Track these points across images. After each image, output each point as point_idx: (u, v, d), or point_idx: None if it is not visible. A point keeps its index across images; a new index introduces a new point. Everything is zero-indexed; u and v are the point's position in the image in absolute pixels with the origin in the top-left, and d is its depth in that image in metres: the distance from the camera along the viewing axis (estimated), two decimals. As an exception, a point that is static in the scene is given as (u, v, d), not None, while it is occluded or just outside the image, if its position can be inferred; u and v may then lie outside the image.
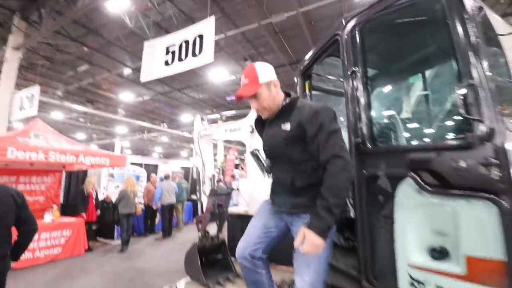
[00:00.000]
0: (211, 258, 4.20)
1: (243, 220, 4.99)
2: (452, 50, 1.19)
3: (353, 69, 1.52)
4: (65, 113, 14.89)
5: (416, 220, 1.23)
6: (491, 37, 1.56)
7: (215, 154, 6.37)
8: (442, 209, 1.13)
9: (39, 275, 4.38)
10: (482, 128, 1.01)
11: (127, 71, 9.86)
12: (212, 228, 4.36)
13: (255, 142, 3.97)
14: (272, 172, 1.60)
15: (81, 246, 5.57)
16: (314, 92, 2.52)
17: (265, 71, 1.47)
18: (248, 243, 1.55)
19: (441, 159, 1.05)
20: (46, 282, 4.16)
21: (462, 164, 1.00)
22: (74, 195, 6.35)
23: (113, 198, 7.00)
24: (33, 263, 4.72)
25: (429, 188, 1.13)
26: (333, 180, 1.22)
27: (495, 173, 0.93)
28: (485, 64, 1.09)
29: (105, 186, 8.73)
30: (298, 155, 1.42)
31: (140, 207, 7.00)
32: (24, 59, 8.43)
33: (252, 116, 4.30)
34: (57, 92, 11.97)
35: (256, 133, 3.96)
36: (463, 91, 1.04)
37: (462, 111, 1.01)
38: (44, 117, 11.71)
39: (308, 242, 1.19)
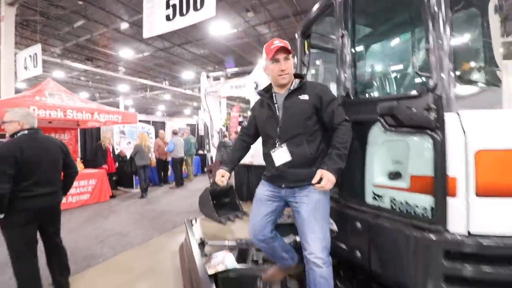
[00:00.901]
0: (221, 200, 4.86)
1: (248, 169, 5.59)
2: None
3: (343, 32, 1.78)
4: (66, 72, 14.84)
5: (381, 153, 1.64)
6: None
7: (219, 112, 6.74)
8: (398, 144, 1.53)
9: (75, 215, 5.15)
10: (430, 82, 1.35)
11: (124, 26, 9.61)
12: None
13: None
14: (277, 149, 1.64)
15: (106, 193, 6.32)
16: (312, 50, 2.75)
17: None
18: (255, 230, 1.76)
19: (400, 106, 1.42)
20: (83, 220, 4.93)
21: (413, 109, 1.37)
22: (94, 150, 6.90)
23: (126, 153, 7.61)
24: (67, 206, 5.47)
25: (391, 128, 1.52)
26: (344, 136, 1.52)
27: (433, 115, 1.31)
28: (444, 29, 1.38)
29: (117, 142, 9.29)
30: (312, 126, 1.60)
31: (154, 160, 7.66)
32: (19, 15, 8.24)
33: (256, 73, 4.51)
34: (55, 51, 11.84)
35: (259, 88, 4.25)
36: (422, 53, 1.35)
37: (417, 69, 1.34)
38: (46, 77, 11.79)
39: (326, 179, 1.44)
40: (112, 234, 4.19)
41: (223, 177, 1.82)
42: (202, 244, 3.11)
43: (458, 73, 1.53)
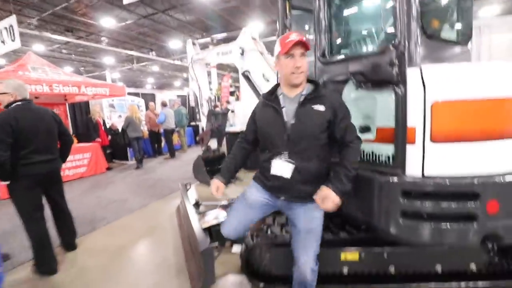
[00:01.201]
0: (214, 167, 5.07)
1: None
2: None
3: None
4: (46, 45, 14.11)
5: (354, 109, 1.78)
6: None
7: (210, 83, 6.58)
8: (368, 100, 1.67)
9: (74, 187, 5.34)
10: (396, 40, 1.45)
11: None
12: (213, 144, 5.11)
13: (246, 64, 4.28)
14: (279, 160, 1.45)
15: (102, 166, 6.48)
16: (294, 12, 2.74)
17: None
18: (234, 231, 1.68)
19: (367, 63, 1.53)
20: (83, 190, 5.14)
21: (378, 64, 1.49)
22: (85, 124, 6.92)
23: (118, 126, 7.64)
24: (65, 179, 5.60)
25: (361, 85, 1.65)
26: (355, 156, 1.42)
27: (395, 70, 1.43)
28: None
29: (108, 116, 9.25)
30: (323, 140, 1.44)
31: (146, 132, 7.74)
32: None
33: (241, 39, 4.45)
34: (32, 22, 11.14)
35: (248, 55, 4.24)
36: (390, 13, 1.44)
37: (384, 27, 1.43)
38: (25, 51, 11.24)
39: (330, 200, 1.35)
40: (112, 201, 4.42)
41: (218, 189, 1.65)
42: (196, 205, 3.36)
43: (427, 30, 1.62)
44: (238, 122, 6.22)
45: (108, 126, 7.74)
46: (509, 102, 1.37)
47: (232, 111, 6.60)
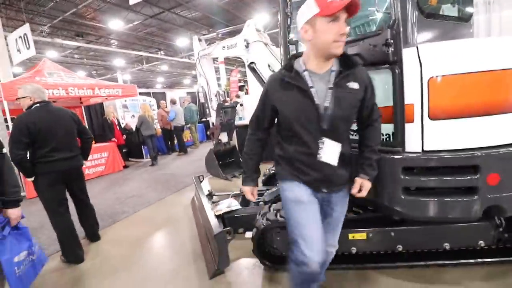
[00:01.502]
0: (226, 160, 5.20)
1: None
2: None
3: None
4: (59, 52, 14.63)
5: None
6: None
7: (218, 79, 6.63)
8: (367, 81, 1.70)
9: (94, 185, 5.63)
10: (391, 20, 1.47)
11: (108, -7, 9.24)
12: (223, 138, 5.22)
13: (252, 56, 4.33)
14: (325, 147, 1.24)
15: (119, 164, 6.76)
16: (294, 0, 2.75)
17: None
18: (318, 245, 1.26)
19: (363, 44, 1.56)
20: (102, 187, 5.41)
21: (374, 45, 1.51)
22: (101, 125, 7.21)
23: (132, 126, 7.91)
24: (86, 178, 5.93)
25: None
26: (379, 137, 1.38)
27: (391, 50, 1.46)
28: None
29: (122, 116, 9.55)
30: (352, 121, 1.33)
31: (159, 129, 7.98)
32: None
33: (246, 31, 4.49)
34: (44, 29, 11.58)
35: (252, 47, 4.28)
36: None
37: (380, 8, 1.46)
38: (40, 58, 11.71)
39: (366, 188, 1.31)
40: (130, 196, 4.64)
41: (253, 193, 1.51)
42: (210, 195, 3.50)
43: (424, 9, 1.62)
44: (247, 115, 6.30)
45: (122, 126, 8.02)
46: (504, 74, 1.37)
47: (241, 105, 6.67)
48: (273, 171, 3.52)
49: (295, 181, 1.32)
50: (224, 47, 4.94)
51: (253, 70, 4.30)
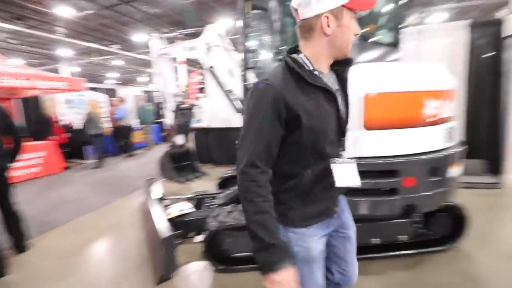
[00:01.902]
0: (181, 163, 5.05)
1: (206, 132, 5.80)
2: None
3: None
4: (-10, 33, 12.72)
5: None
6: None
7: (177, 79, 6.39)
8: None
9: (26, 188, 4.97)
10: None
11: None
12: (180, 140, 5.08)
13: (212, 60, 4.34)
14: (341, 163, 0.98)
15: (59, 165, 6.09)
16: (254, 11, 2.86)
17: None
18: None
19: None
20: (36, 191, 4.81)
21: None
22: (37, 121, 6.43)
23: (76, 123, 7.22)
24: (16, 180, 5.21)
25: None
26: None
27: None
28: None
29: (63, 112, 8.62)
30: None
31: (108, 128, 7.41)
32: None
33: (208, 34, 4.49)
34: (-28, 6, 9.97)
35: (213, 51, 4.29)
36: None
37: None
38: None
39: None
40: (70, 201, 4.21)
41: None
42: (161, 199, 3.37)
43: (362, 32, 1.85)
44: (205, 118, 6.24)
45: (62, 122, 7.26)
46: (417, 95, 1.65)
47: (195, 105, 6.50)
48: (229, 175, 3.53)
49: (310, 226, 0.97)
50: (184, 48, 4.88)
51: (212, 74, 4.31)
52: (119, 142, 8.00)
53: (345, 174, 0.98)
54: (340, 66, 0.96)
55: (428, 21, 10.80)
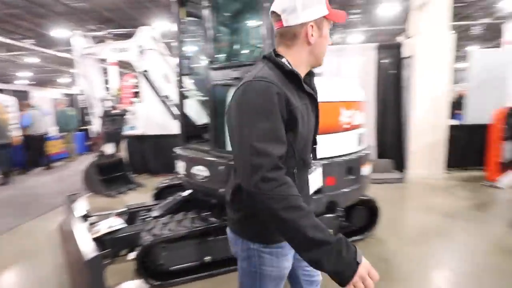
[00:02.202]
0: (110, 174, 4.59)
1: (141, 140, 5.41)
2: None
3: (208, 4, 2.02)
4: None
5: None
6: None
7: (106, 81, 5.71)
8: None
9: None
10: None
11: None
12: (109, 149, 4.62)
13: (145, 64, 4.11)
14: (312, 171, 1.01)
15: None
16: (189, 18, 2.85)
17: None
18: None
19: (244, 71, 1.81)
20: None
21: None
22: None
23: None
24: None
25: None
26: None
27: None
28: None
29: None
30: None
31: (17, 138, 6.23)
32: None
33: (141, 36, 4.24)
34: None
35: (147, 54, 4.08)
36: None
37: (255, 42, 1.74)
38: None
39: None
40: (-41, 227, 3.40)
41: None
42: (86, 216, 3.00)
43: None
44: (140, 124, 5.83)
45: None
46: (332, 105, 1.91)
47: (128, 111, 5.98)
48: (166, 184, 3.36)
49: (284, 243, 0.88)
50: (114, 49, 4.50)
51: (146, 79, 4.09)
52: (30, 153, 6.80)
53: (313, 181, 0.99)
54: (307, 76, 0.95)
55: (348, 40, 12.42)
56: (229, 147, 2.13)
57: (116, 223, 2.65)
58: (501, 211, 3.65)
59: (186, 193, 2.67)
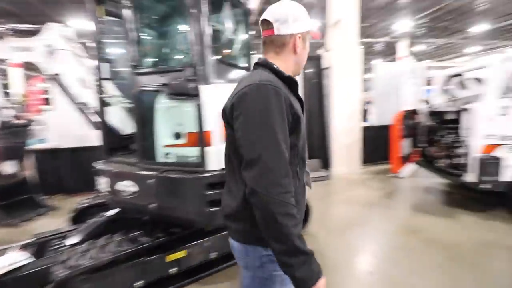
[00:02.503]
0: (11, 198, 3.77)
1: (54, 155, 4.62)
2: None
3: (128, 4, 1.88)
4: None
5: (167, 118, 1.96)
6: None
7: (6, 86, 4.67)
8: (178, 109, 1.90)
9: None
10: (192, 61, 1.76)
11: None
12: (9, 168, 3.81)
13: (56, 66, 3.56)
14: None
15: None
16: (110, 18, 2.61)
17: None
18: None
19: (171, 77, 1.75)
20: None
21: (180, 79, 1.74)
22: None
23: None
24: None
25: (171, 96, 1.84)
26: None
27: (191, 85, 1.74)
28: (201, 25, 1.79)
29: None
30: None
31: None
32: None
33: (51, 34, 3.66)
34: None
35: (58, 55, 3.54)
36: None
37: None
38: None
39: None
40: None
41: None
42: (-26, 254, 2.38)
43: (218, 57, 2.05)
44: (52, 136, 4.98)
45: None
46: None
47: (34, 121, 5.00)
48: (87, 204, 2.94)
49: None
50: (15, 48, 3.78)
51: (58, 83, 3.55)
52: None
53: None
54: None
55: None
56: (159, 158, 2.07)
57: (20, 258, 2.19)
58: (404, 197, 4.42)
59: (111, 212, 2.38)
